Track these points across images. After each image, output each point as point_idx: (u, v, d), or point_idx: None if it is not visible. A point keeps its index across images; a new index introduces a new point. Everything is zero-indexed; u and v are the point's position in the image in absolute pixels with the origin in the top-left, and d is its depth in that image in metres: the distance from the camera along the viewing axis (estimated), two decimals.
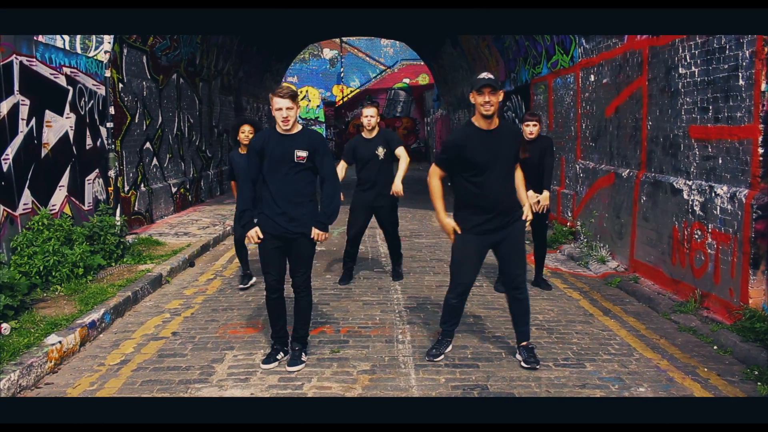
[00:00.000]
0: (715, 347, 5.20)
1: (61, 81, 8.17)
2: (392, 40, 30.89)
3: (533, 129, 6.52)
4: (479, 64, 16.36)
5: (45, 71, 7.72)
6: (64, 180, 8.14)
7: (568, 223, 9.90)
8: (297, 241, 4.73)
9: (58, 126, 8.03)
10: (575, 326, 5.78)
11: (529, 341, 4.87)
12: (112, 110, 9.67)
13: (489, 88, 4.42)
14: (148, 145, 11.36)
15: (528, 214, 4.79)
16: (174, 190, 12.68)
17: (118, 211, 9.66)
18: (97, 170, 9.23)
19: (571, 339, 5.44)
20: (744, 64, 5.45)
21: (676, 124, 6.59)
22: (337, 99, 32.97)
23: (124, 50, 10.25)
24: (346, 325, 5.82)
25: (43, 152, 7.60)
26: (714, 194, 5.83)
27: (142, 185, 11.04)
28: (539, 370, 4.73)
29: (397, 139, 7.00)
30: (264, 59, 20.51)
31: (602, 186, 8.59)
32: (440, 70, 22.69)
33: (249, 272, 7.16)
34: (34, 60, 7.44)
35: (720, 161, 5.83)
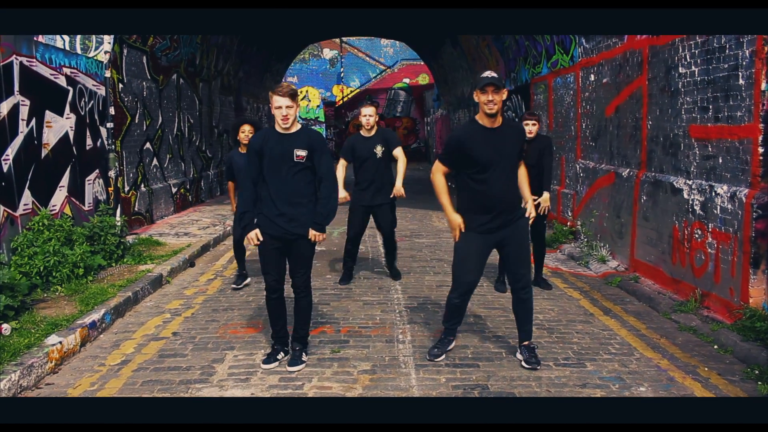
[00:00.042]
0: (715, 347, 5.20)
1: (61, 81, 8.17)
2: (392, 40, 30.89)
3: (532, 128, 6.53)
4: (479, 63, 16.36)
5: (45, 72, 7.72)
6: (65, 180, 8.14)
7: (568, 223, 9.90)
8: (296, 242, 4.71)
9: (59, 126, 8.03)
10: (576, 326, 5.78)
11: (531, 341, 4.87)
12: (112, 110, 9.67)
13: (492, 86, 4.41)
14: (148, 145, 11.36)
15: (531, 212, 4.78)
16: (174, 190, 12.69)
17: (118, 211, 9.66)
18: (97, 170, 9.23)
19: (572, 338, 5.44)
20: (744, 63, 5.45)
21: (676, 123, 6.59)
22: (337, 99, 32.97)
23: (124, 50, 10.26)
24: (347, 325, 5.82)
25: (44, 153, 7.60)
26: (714, 194, 5.83)
27: (143, 185, 11.04)
28: (540, 369, 4.73)
29: (396, 139, 7.01)
30: (264, 59, 20.51)
31: (602, 185, 8.59)
32: (440, 70, 22.69)
33: (245, 272, 7.17)
34: (34, 60, 7.44)
35: (720, 161, 5.84)
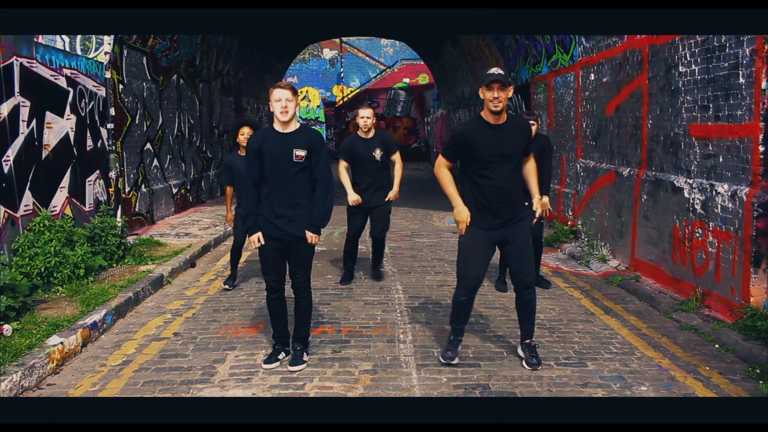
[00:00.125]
0: (716, 346, 5.20)
1: (62, 82, 8.17)
2: (392, 40, 30.89)
3: (531, 128, 6.51)
4: (479, 63, 16.36)
5: (45, 73, 7.72)
6: (65, 181, 8.15)
7: (568, 222, 9.90)
8: (296, 244, 4.70)
9: (59, 127, 8.04)
10: (576, 325, 5.78)
11: (532, 339, 4.87)
12: (112, 111, 9.68)
13: (498, 83, 4.39)
14: (148, 146, 11.36)
15: (537, 208, 4.76)
16: (175, 190, 12.69)
17: (119, 212, 9.67)
18: (97, 171, 9.24)
19: (573, 338, 5.44)
20: (744, 62, 5.45)
21: (676, 122, 6.59)
22: (338, 99, 32.97)
23: (124, 51, 10.26)
24: (348, 325, 5.83)
25: (44, 153, 7.61)
26: (715, 192, 5.83)
27: (143, 186, 11.05)
28: (541, 369, 4.73)
29: (395, 145, 7.10)
30: (264, 59, 20.51)
31: (603, 185, 8.59)
32: (440, 70, 22.69)
33: (234, 275, 7.18)
34: (35, 61, 7.45)
35: (721, 159, 5.83)
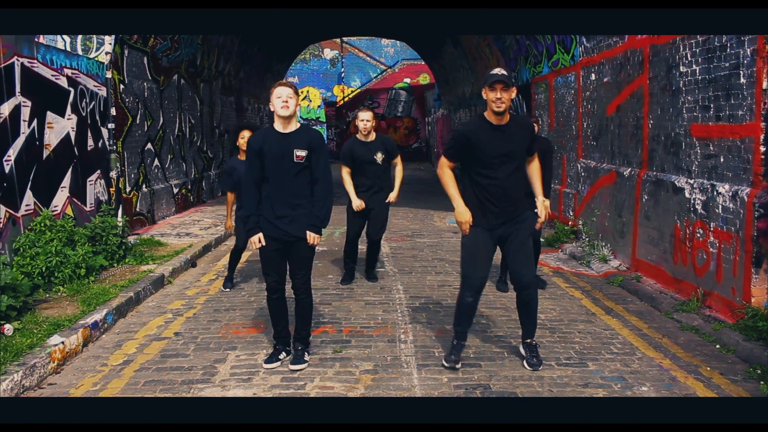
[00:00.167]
0: (717, 346, 5.19)
1: (63, 82, 8.18)
2: (393, 40, 30.91)
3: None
4: (480, 63, 16.36)
5: (46, 72, 7.72)
6: (66, 181, 8.15)
7: (569, 222, 9.89)
8: (296, 244, 4.70)
9: (60, 127, 8.04)
10: (577, 325, 5.78)
11: (533, 339, 4.86)
12: (113, 111, 9.68)
13: (501, 84, 4.37)
14: (149, 145, 11.37)
15: (542, 210, 4.73)
16: (176, 190, 12.69)
17: (119, 211, 9.67)
18: (98, 171, 9.24)
19: (574, 338, 5.44)
20: (745, 62, 5.44)
21: (677, 122, 6.59)
22: (338, 99, 32.98)
23: (125, 51, 10.26)
24: (349, 325, 5.83)
25: (45, 153, 7.61)
26: (716, 193, 5.83)
27: (144, 186, 11.05)
28: (542, 369, 4.72)
29: (396, 148, 7.15)
30: (265, 60, 20.52)
31: (604, 185, 8.58)
32: (441, 70, 22.69)
33: (231, 277, 7.17)
34: (36, 61, 7.45)
35: (722, 159, 5.83)
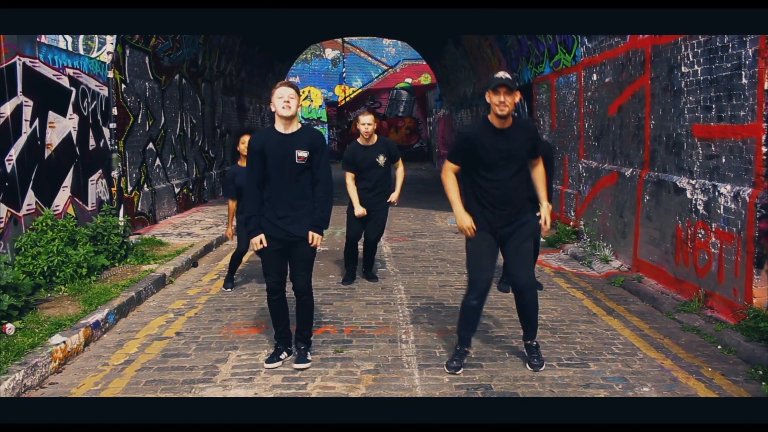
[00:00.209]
0: (719, 347, 5.19)
1: (64, 82, 8.18)
2: (394, 40, 30.89)
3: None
4: (481, 63, 16.35)
5: (48, 72, 7.73)
6: (68, 180, 8.16)
7: (571, 223, 9.89)
8: (298, 245, 4.70)
9: (62, 127, 8.05)
10: (579, 326, 5.78)
11: (533, 340, 4.86)
12: (115, 111, 9.69)
13: (505, 88, 4.36)
14: (151, 145, 11.38)
15: (546, 216, 4.69)
16: (177, 190, 12.70)
17: (121, 211, 9.67)
18: (100, 171, 9.25)
19: (575, 339, 5.44)
20: (747, 62, 5.44)
21: (679, 123, 6.58)
22: (340, 99, 32.98)
23: (127, 51, 10.27)
24: (350, 325, 5.83)
25: (47, 153, 7.62)
26: (717, 193, 5.82)
27: (145, 186, 11.06)
28: (543, 369, 4.72)
29: (398, 152, 7.21)
30: (266, 59, 20.52)
31: (605, 185, 8.58)
32: (442, 70, 22.69)
33: (231, 278, 7.17)
34: (37, 61, 7.46)
35: (723, 160, 5.82)
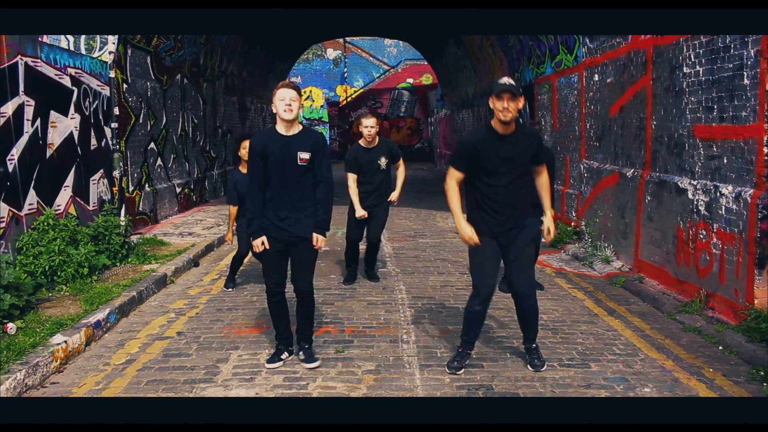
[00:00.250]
0: (720, 347, 5.19)
1: (66, 82, 8.19)
2: (396, 40, 30.89)
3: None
4: (483, 64, 16.35)
5: (50, 72, 7.74)
6: (69, 180, 8.17)
7: (572, 223, 9.88)
8: (300, 245, 4.69)
9: (63, 126, 8.05)
10: (580, 326, 5.78)
11: (532, 344, 4.85)
12: (116, 111, 9.69)
13: (509, 93, 4.33)
14: (152, 145, 11.38)
15: (550, 226, 4.67)
16: (178, 190, 12.71)
17: (122, 211, 9.68)
18: (101, 170, 9.26)
19: (576, 339, 5.43)
20: (749, 63, 5.43)
21: (680, 123, 6.58)
22: (341, 99, 32.98)
23: (128, 51, 10.28)
24: (351, 325, 5.83)
25: (48, 153, 7.62)
26: (719, 194, 5.82)
27: (147, 185, 11.06)
28: (544, 370, 4.72)
29: (399, 153, 7.25)
30: (268, 59, 20.53)
31: (607, 186, 8.57)
32: (444, 70, 22.68)
33: (232, 278, 7.18)
34: (39, 61, 7.46)
35: (725, 161, 5.82)
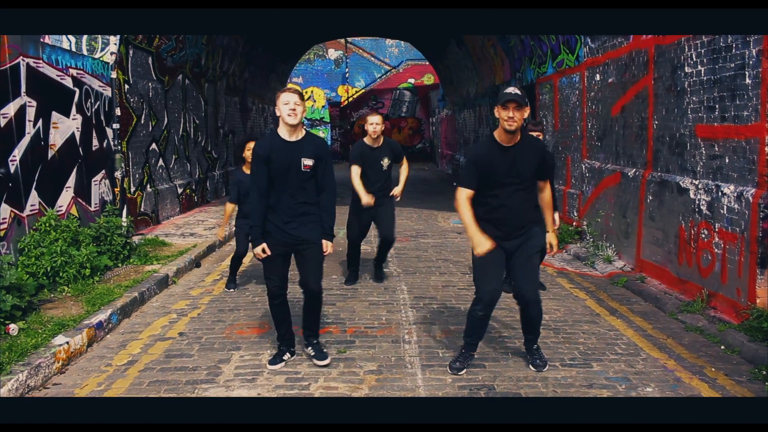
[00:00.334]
0: (722, 347, 5.18)
1: (68, 82, 8.20)
2: (397, 40, 30.88)
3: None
4: (484, 64, 16.34)
5: (51, 73, 7.74)
6: (71, 181, 8.17)
7: (574, 223, 9.88)
8: (307, 248, 4.68)
9: (65, 127, 8.06)
10: (582, 326, 5.77)
11: (533, 344, 4.84)
12: (118, 111, 9.70)
13: (514, 103, 4.30)
14: (154, 146, 11.39)
15: (553, 241, 4.66)
16: (180, 190, 12.71)
17: (124, 211, 9.68)
18: (103, 171, 9.26)
19: (578, 339, 5.43)
20: (751, 62, 5.43)
21: (682, 123, 6.57)
22: (343, 99, 32.98)
23: (130, 51, 10.28)
24: (353, 325, 5.83)
25: (50, 153, 7.63)
26: (721, 193, 5.81)
27: (149, 186, 11.07)
28: (546, 370, 4.72)
29: (402, 152, 7.25)
30: (269, 60, 20.54)
31: (608, 185, 8.57)
32: (445, 70, 22.67)
33: (233, 278, 7.18)
34: (41, 62, 7.47)
35: (727, 160, 5.82)
